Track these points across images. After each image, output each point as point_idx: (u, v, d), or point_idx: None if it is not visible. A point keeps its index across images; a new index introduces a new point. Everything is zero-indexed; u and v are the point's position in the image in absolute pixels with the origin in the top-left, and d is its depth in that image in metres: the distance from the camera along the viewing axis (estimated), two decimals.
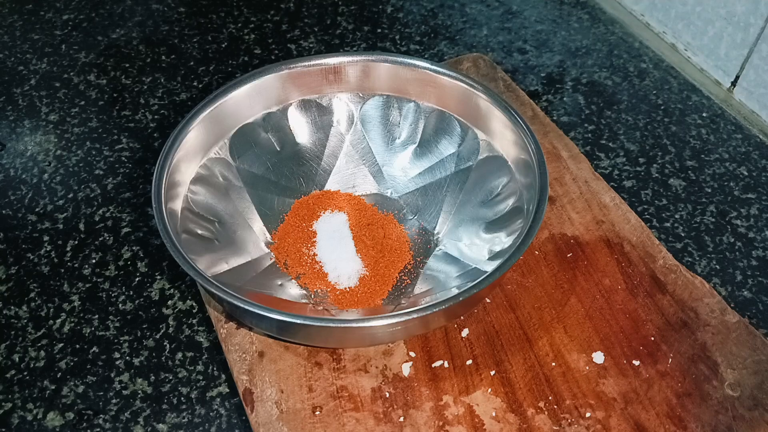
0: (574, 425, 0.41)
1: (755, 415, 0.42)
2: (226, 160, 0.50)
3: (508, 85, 0.63)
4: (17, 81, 0.68)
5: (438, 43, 0.71)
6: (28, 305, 0.50)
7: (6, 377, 0.46)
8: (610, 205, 0.53)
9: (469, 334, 0.46)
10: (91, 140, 0.62)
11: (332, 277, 0.48)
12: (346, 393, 0.43)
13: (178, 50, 0.71)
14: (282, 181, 0.53)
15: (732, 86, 0.65)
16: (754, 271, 0.51)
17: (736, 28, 0.62)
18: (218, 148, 0.50)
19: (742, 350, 0.44)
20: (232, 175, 0.50)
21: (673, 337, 0.45)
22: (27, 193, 0.57)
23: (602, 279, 0.49)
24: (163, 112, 0.64)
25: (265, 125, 0.52)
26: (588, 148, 0.60)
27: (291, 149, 0.53)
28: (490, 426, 0.41)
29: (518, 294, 0.48)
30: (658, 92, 0.66)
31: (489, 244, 0.48)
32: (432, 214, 0.52)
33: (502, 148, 0.49)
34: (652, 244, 0.51)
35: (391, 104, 0.53)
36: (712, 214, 0.55)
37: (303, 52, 0.71)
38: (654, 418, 0.42)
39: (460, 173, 0.52)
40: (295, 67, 0.51)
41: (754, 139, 0.61)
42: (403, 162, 0.54)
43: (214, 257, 0.45)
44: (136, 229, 0.54)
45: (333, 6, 0.77)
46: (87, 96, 0.66)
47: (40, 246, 0.53)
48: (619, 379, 0.43)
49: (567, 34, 0.73)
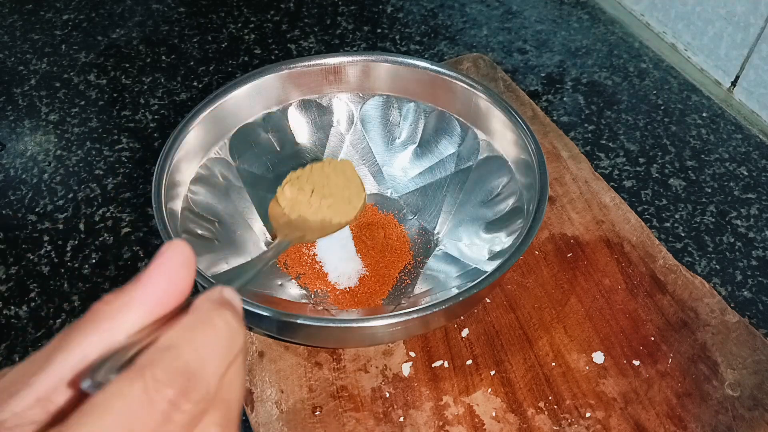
0: (574, 425, 0.41)
1: (755, 415, 0.42)
2: (226, 160, 0.50)
3: (508, 85, 0.63)
4: (17, 81, 0.68)
5: (438, 43, 0.71)
6: (28, 305, 0.50)
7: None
8: (610, 205, 0.53)
9: (469, 334, 0.46)
10: (91, 140, 0.62)
11: (332, 277, 0.48)
12: (346, 393, 0.43)
13: (178, 50, 0.71)
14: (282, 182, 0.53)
15: (732, 86, 0.65)
16: (754, 271, 0.51)
17: (736, 28, 0.62)
18: (218, 148, 0.50)
19: (742, 350, 0.44)
20: (232, 175, 0.50)
21: (673, 337, 0.45)
22: (27, 193, 0.57)
23: (602, 279, 0.49)
24: (163, 112, 0.64)
25: (265, 125, 0.52)
26: (588, 148, 0.60)
27: (291, 149, 0.53)
28: (490, 426, 0.41)
29: (518, 294, 0.48)
30: (658, 92, 0.66)
31: (489, 244, 0.47)
32: (432, 214, 0.52)
33: (502, 148, 0.49)
34: (652, 244, 0.51)
35: (391, 104, 0.53)
36: (712, 214, 0.55)
37: (303, 52, 0.71)
38: (654, 418, 0.42)
39: (460, 173, 0.52)
40: (295, 67, 0.51)
41: (754, 139, 0.61)
42: (403, 162, 0.54)
43: (214, 257, 0.45)
44: (136, 229, 0.54)
45: (333, 6, 0.77)
46: (87, 96, 0.66)
47: (40, 246, 0.53)
48: (619, 379, 0.43)
49: (567, 34, 0.73)
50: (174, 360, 0.18)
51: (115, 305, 0.20)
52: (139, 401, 0.17)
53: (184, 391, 0.18)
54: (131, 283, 0.20)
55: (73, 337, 0.19)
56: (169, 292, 0.20)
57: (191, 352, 0.19)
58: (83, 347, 0.19)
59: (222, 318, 0.20)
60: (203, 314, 0.20)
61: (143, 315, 0.20)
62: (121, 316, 0.20)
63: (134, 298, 0.20)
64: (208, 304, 0.20)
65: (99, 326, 0.19)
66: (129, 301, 0.20)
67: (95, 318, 0.20)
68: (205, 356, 0.19)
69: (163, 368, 0.18)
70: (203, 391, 0.18)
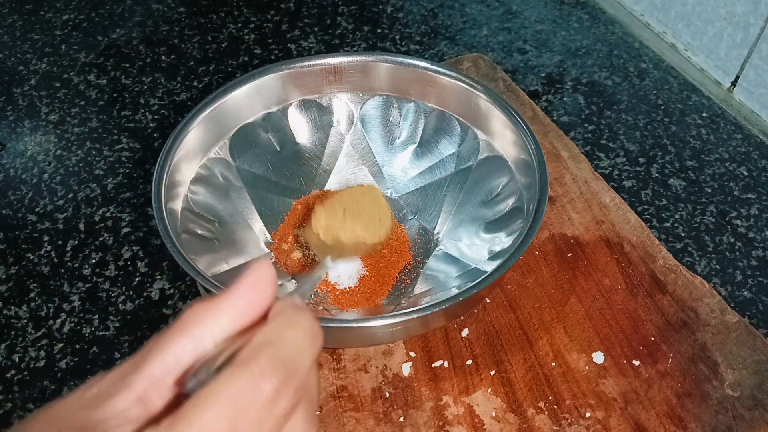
0: (574, 425, 0.41)
1: (755, 415, 0.42)
2: (226, 160, 0.50)
3: (508, 85, 0.63)
4: (17, 81, 0.68)
5: (438, 43, 0.71)
6: (28, 305, 0.50)
7: (6, 377, 0.46)
8: (610, 205, 0.53)
9: (469, 334, 0.46)
10: (91, 140, 0.62)
11: (332, 277, 0.48)
12: (346, 393, 0.43)
13: (178, 50, 0.71)
14: (282, 181, 0.53)
15: (732, 86, 0.65)
16: (754, 271, 0.51)
17: (736, 28, 0.62)
18: (218, 148, 0.50)
19: (742, 350, 0.44)
20: (232, 175, 0.50)
21: (673, 337, 0.45)
22: (27, 193, 0.57)
23: (602, 279, 0.49)
24: (163, 112, 0.64)
25: (265, 125, 0.52)
26: (588, 148, 0.60)
27: (291, 149, 0.53)
28: (490, 426, 0.41)
29: (518, 294, 0.48)
30: (658, 92, 0.66)
31: (489, 244, 0.47)
32: (432, 214, 0.52)
33: (502, 148, 0.49)
34: (652, 244, 0.51)
35: (391, 104, 0.53)
36: (712, 214, 0.55)
37: (303, 52, 0.71)
38: (654, 418, 0.42)
39: (460, 173, 0.52)
40: (295, 67, 0.51)
41: (754, 139, 0.61)
42: (403, 162, 0.54)
43: (214, 257, 0.45)
44: (136, 229, 0.54)
45: (333, 6, 0.77)
46: (87, 96, 0.66)
47: (40, 246, 0.53)
48: (619, 379, 0.43)
49: (567, 34, 0.73)
50: (275, 352, 0.20)
51: (206, 311, 0.21)
52: (246, 389, 0.19)
53: (286, 379, 0.19)
54: (222, 292, 0.22)
55: (167, 339, 0.21)
56: (254, 303, 0.22)
57: (288, 346, 0.20)
58: (176, 349, 0.21)
59: (305, 318, 0.22)
60: (288, 316, 0.22)
61: (232, 321, 0.22)
62: (212, 321, 0.21)
63: (225, 305, 0.22)
64: (290, 307, 0.22)
65: (191, 330, 0.21)
66: (219, 308, 0.22)
67: (187, 322, 0.21)
68: (299, 349, 0.21)
69: (267, 359, 0.19)
70: (301, 381, 0.20)
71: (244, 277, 0.22)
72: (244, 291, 0.22)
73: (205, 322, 0.21)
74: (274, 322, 0.21)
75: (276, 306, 0.22)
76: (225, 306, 0.22)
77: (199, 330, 0.21)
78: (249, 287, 0.22)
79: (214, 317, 0.21)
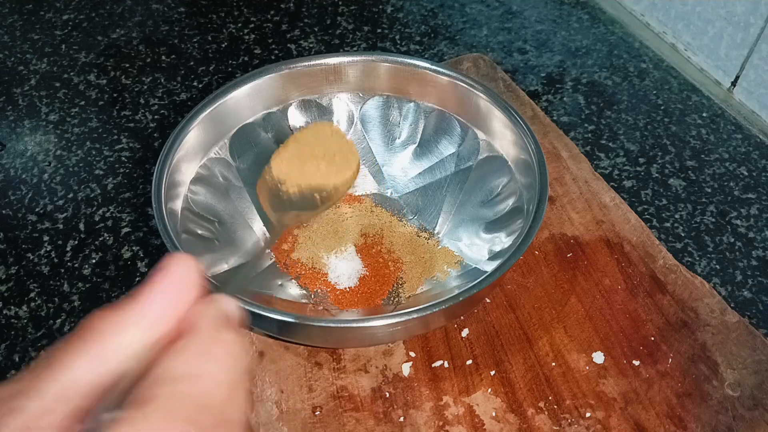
0: (574, 425, 0.41)
1: (755, 415, 0.42)
2: (226, 160, 0.50)
3: (508, 85, 0.63)
4: (17, 81, 0.68)
5: (438, 43, 0.71)
6: (28, 305, 0.50)
7: (6, 377, 0.46)
8: (610, 205, 0.53)
9: (469, 334, 0.46)
10: (91, 140, 0.62)
11: (332, 277, 0.48)
12: (346, 393, 0.43)
13: (178, 50, 0.71)
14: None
15: (732, 86, 0.65)
16: (754, 271, 0.51)
17: (736, 28, 0.62)
18: (218, 148, 0.50)
19: (742, 350, 0.44)
20: (232, 175, 0.50)
21: (673, 337, 0.45)
22: (27, 193, 0.57)
23: (602, 279, 0.49)
24: (163, 112, 0.64)
25: (265, 125, 0.52)
26: (588, 148, 0.60)
27: None
28: (490, 426, 0.41)
29: (518, 294, 0.48)
30: (658, 92, 0.66)
31: (489, 244, 0.48)
32: (432, 214, 0.52)
33: (502, 148, 0.49)
34: (652, 244, 0.51)
35: (391, 104, 0.53)
36: (712, 214, 0.55)
37: (303, 52, 0.71)
38: (654, 418, 0.42)
39: (460, 173, 0.52)
40: (295, 67, 0.51)
41: (754, 139, 0.61)
42: (403, 162, 0.54)
43: (214, 257, 0.45)
44: (136, 229, 0.54)
45: (333, 6, 0.77)
46: (87, 96, 0.66)
47: (40, 246, 0.53)
48: (619, 379, 0.43)
49: (567, 34, 0.73)
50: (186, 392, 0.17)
51: (108, 323, 0.18)
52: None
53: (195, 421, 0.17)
54: (127, 299, 0.19)
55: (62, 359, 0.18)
56: (168, 311, 0.19)
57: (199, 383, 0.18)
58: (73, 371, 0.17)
59: (225, 342, 0.19)
60: (206, 341, 0.19)
61: (142, 334, 0.18)
62: (114, 336, 0.18)
63: (131, 316, 0.18)
64: (209, 326, 0.19)
65: (89, 349, 0.18)
66: (124, 320, 0.18)
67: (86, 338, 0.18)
68: (214, 385, 0.18)
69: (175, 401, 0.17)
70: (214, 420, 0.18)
71: (155, 277, 0.19)
72: (155, 296, 0.19)
73: (104, 338, 0.18)
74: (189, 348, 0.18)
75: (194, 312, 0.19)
76: (131, 317, 0.18)
77: (98, 348, 0.17)
78: (162, 291, 0.19)
79: (118, 331, 0.18)
